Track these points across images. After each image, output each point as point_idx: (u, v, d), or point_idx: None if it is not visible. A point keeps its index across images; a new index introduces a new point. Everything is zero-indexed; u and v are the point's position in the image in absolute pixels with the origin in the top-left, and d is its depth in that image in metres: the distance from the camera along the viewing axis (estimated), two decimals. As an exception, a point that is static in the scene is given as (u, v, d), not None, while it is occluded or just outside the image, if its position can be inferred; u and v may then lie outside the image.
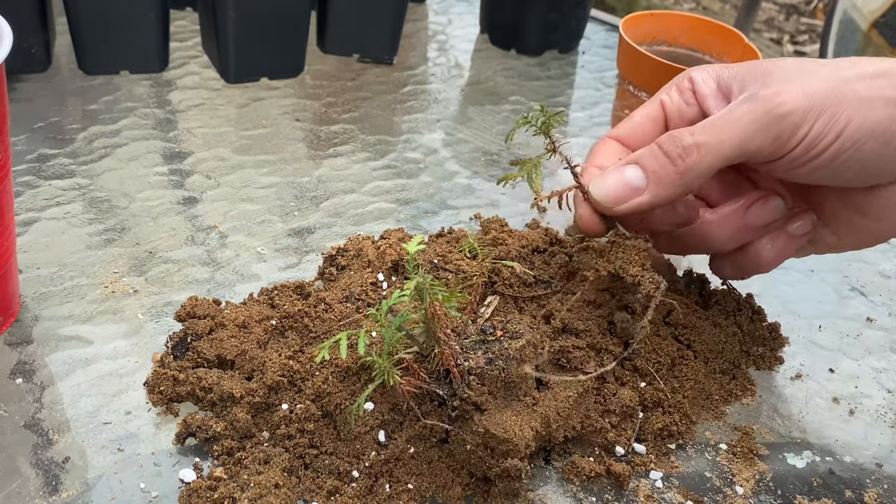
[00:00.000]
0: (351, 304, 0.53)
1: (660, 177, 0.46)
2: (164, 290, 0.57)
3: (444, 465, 0.45)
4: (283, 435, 0.46)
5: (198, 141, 0.74)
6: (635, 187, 0.47)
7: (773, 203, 0.50)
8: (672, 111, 0.51)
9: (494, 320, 0.47)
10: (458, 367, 0.43)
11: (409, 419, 0.45)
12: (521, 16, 0.92)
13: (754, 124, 0.44)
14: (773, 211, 0.50)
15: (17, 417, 0.47)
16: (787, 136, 0.44)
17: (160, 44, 0.80)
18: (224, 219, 0.65)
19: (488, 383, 0.43)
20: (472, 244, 0.56)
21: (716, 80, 0.49)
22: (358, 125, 0.79)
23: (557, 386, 0.46)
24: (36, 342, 0.52)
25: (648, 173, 0.46)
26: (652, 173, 0.46)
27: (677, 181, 0.46)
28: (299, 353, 0.50)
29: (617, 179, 0.47)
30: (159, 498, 0.44)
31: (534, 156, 0.51)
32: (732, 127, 0.45)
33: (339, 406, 0.46)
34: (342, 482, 0.44)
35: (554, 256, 0.55)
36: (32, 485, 0.44)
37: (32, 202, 0.64)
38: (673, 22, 0.76)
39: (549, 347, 0.47)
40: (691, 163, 0.45)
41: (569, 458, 0.48)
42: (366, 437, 0.45)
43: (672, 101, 0.51)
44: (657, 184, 0.46)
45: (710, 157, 0.45)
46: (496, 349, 0.44)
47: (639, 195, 0.47)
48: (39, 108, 0.75)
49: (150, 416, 0.48)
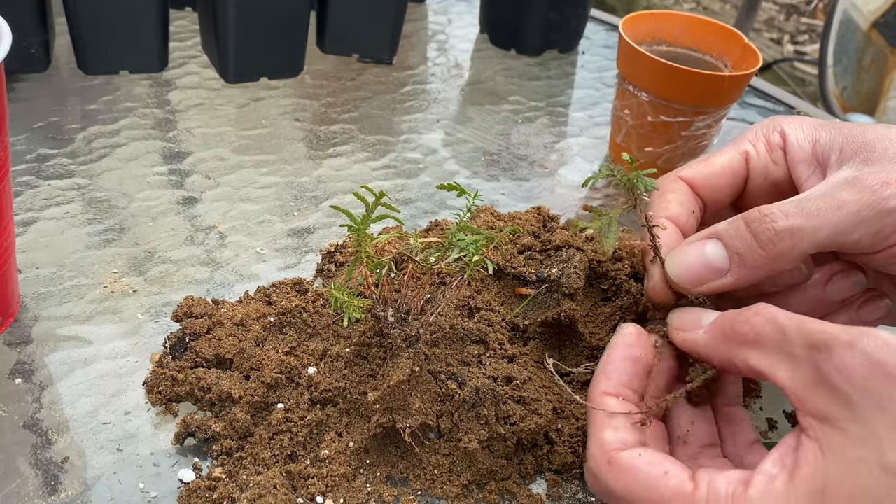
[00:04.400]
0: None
1: (745, 260, 0.41)
2: (163, 290, 0.57)
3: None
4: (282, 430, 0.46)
5: (197, 141, 0.74)
6: (717, 268, 0.42)
7: (855, 279, 0.46)
8: (757, 167, 0.46)
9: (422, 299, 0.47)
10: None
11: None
12: (521, 16, 0.92)
13: (857, 216, 0.40)
14: (853, 286, 0.46)
15: (17, 417, 0.47)
16: (889, 231, 0.40)
17: (160, 44, 0.79)
18: (223, 219, 0.65)
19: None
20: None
21: (812, 144, 0.44)
22: (358, 125, 0.79)
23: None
24: (35, 342, 0.52)
25: (732, 254, 0.41)
26: (737, 255, 0.41)
27: (765, 266, 0.41)
28: (297, 348, 0.50)
29: (696, 258, 0.42)
30: (158, 498, 0.44)
31: (609, 207, 0.47)
32: (832, 214, 0.40)
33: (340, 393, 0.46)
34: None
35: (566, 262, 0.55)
36: (31, 485, 0.44)
37: (32, 202, 0.64)
38: (673, 22, 0.76)
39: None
40: (783, 249, 0.40)
41: (569, 457, 0.48)
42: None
43: (759, 155, 0.46)
44: (742, 267, 0.41)
45: (804, 245, 0.40)
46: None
47: (720, 277, 0.42)
48: (39, 107, 0.75)
49: (150, 416, 0.48)
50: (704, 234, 0.43)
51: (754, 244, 0.41)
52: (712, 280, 0.42)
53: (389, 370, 0.45)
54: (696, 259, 0.42)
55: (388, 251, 0.57)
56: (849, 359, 0.33)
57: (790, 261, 0.41)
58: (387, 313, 0.46)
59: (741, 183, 0.47)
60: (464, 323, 0.52)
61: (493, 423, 0.45)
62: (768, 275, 0.42)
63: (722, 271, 0.42)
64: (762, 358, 0.37)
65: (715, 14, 2.73)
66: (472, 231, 0.46)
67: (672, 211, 0.46)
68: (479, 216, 0.62)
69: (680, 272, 0.43)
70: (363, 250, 0.44)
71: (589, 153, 0.79)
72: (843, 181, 0.41)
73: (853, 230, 0.40)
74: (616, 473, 0.38)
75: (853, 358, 0.33)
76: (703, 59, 0.76)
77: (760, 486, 0.34)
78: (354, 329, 0.50)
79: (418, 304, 0.47)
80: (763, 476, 0.34)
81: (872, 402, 0.32)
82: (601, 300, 0.55)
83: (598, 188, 0.74)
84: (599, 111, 0.86)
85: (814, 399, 0.34)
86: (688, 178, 0.47)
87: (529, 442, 0.47)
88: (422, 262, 0.46)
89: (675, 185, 0.47)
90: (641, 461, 0.37)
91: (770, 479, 0.34)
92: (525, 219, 0.61)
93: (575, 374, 0.50)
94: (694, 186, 0.47)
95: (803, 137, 0.45)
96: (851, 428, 0.32)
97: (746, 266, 0.41)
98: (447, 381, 0.47)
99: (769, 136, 0.46)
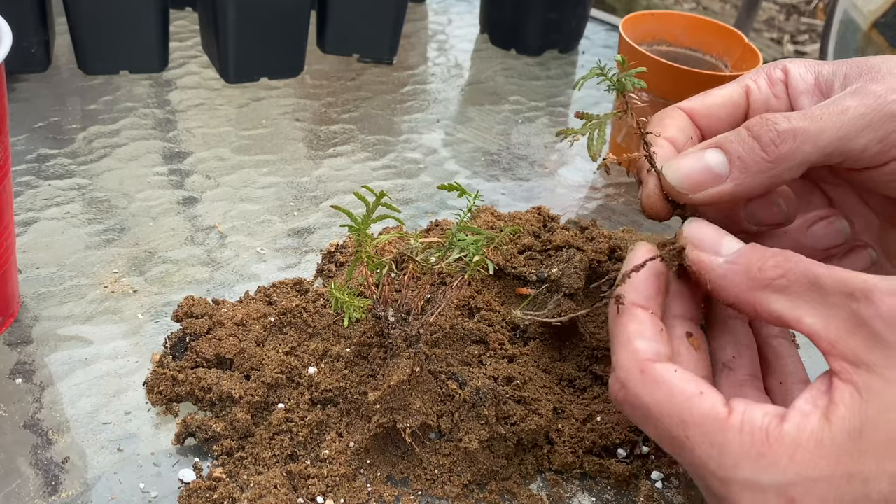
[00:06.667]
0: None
1: (746, 164, 0.39)
2: (163, 290, 0.57)
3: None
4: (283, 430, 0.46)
5: (197, 141, 0.74)
6: (717, 173, 0.40)
7: (838, 225, 0.45)
8: (757, 100, 0.45)
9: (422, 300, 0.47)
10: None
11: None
12: (521, 16, 0.92)
13: (862, 119, 0.39)
14: (836, 234, 0.45)
15: (17, 418, 0.47)
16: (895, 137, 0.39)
17: (160, 44, 0.80)
18: (224, 219, 0.65)
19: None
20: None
21: (814, 76, 0.43)
22: (358, 125, 0.79)
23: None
24: (35, 342, 0.52)
25: (733, 158, 0.40)
26: (738, 159, 0.40)
27: (766, 170, 0.39)
28: (297, 348, 0.50)
29: (695, 162, 0.41)
30: (159, 498, 0.44)
31: (601, 114, 0.45)
32: (837, 118, 0.39)
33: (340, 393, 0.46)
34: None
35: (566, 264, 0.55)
36: (32, 485, 0.44)
37: (32, 202, 0.64)
38: (673, 22, 0.76)
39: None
40: (786, 151, 0.39)
41: (569, 457, 0.48)
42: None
43: (759, 89, 0.45)
44: (743, 171, 0.40)
45: (807, 147, 0.39)
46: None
47: (720, 183, 0.40)
48: (39, 108, 0.75)
49: (150, 416, 0.48)
50: (704, 144, 0.42)
51: (756, 146, 0.39)
52: (711, 185, 0.40)
53: (390, 370, 0.45)
54: (695, 163, 0.41)
55: (388, 251, 0.57)
56: (892, 306, 0.32)
57: (792, 167, 0.39)
58: (387, 313, 0.46)
59: (741, 115, 0.46)
60: (464, 323, 0.52)
61: (494, 423, 0.45)
62: (769, 182, 0.40)
63: (721, 177, 0.40)
64: (788, 304, 0.35)
65: (715, 14, 2.73)
66: (473, 231, 0.46)
67: (670, 133, 0.45)
68: (479, 216, 0.62)
69: (678, 176, 0.41)
70: (364, 250, 0.44)
71: (589, 153, 0.79)
72: (847, 93, 0.40)
73: (858, 134, 0.39)
74: (649, 384, 0.36)
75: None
76: (703, 60, 0.76)
77: (796, 420, 0.33)
78: (355, 329, 0.50)
79: (419, 304, 0.47)
80: (797, 412, 0.33)
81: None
82: (601, 300, 0.55)
83: (598, 188, 0.74)
84: (599, 111, 0.86)
85: (850, 344, 0.33)
86: (687, 108, 0.46)
87: (530, 442, 0.47)
88: (422, 262, 0.46)
89: (674, 112, 0.46)
90: (676, 377, 0.36)
91: (804, 415, 0.33)
92: (525, 219, 0.61)
93: (548, 318, 0.50)
94: (693, 116, 0.46)
95: (806, 71, 0.44)
96: (891, 373, 0.32)
97: (748, 170, 0.40)
98: (447, 381, 0.47)
99: (771, 73, 0.45)
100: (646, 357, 0.37)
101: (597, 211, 0.71)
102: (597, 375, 0.51)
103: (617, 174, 0.76)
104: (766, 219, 0.44)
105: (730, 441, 0.33)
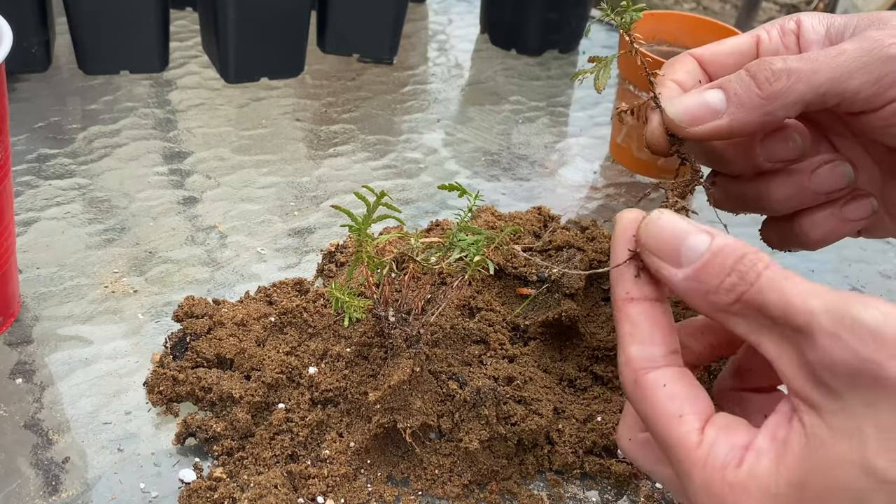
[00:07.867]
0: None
1: (742, 100, 0.41)
2: (164, 290, 0.57)
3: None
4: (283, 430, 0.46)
5: (198, 141, 0.74)
6: (714, 109, 0.42)
7: (842, 169, 0.46)
8: (767, 50, 0.46)
9: (422, 300, 0.47)
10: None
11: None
12: (521, 16, 0.92)
13: (857, 61, 0.40)
14: (840, 177, 0.46)
15: (17, 417, 0.47)
16: (891, 80, 0.40)
17: (160, 44, 0.79)
18: (224, 219, 0.65)
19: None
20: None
21: (826, 27, 0.44)
22: (358, 125, 0.79)
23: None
24: (36, 342, 0.52)
25: (730, 95, 0.42)
26: (734, 95, 0.42)
27: (760, 106, 0.41)
28: (297, 348, 0.50)
29: (695, 99, 0.43)
30: (159, 498, 0.44)
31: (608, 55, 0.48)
32: (832, 59, 0.40)
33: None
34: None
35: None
36: (32, 485, 0.44)
37: (32, 202, 0.64)
38: (673, 22, 0.76)
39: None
40: (780, 88, 0.40)
41: (569, 457, 0.48)
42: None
43: (770, 39, 0.46)
44: (738, 107, 0.42)
45: (801, 86, 0.40)
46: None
47: (716, 118, 0.42)
48: (39, 107, 0.75)
49: (150, 416, 0.48)
50: (706, 86, 0.44)
51: (751, 84, 0.41)
52: (709, 120, 0.42)
53: (390, 370, 0.45)
54: (695, 100, 0.43)
55: (388, 251, 0.57)
56: (834, 352, 0.30)
57: (787, 105, 0.41)
58: (387, 313, 0.46)
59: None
60: (464, 323, 0.52)
61: (494, 423, 0.45)
62: (763, 119, 0.42)
63: (719, 112, 0.42)
64: (748, 328, 0.34)
65: (715, 14, 2.73)
66: (473, 231, 0.46)
67: (678, 77, 0.47)
68: (479, 216, 0.62)
69: (678, 111, 0.43)
70: (364, 250, 0.44)
71: (589, 153, 0.79)
72: (848, 39, 0.41)
73: (853, 76, 0.40)
74: (640, 397, 0.36)
75: (839, 353, 0.30)
76: (703, 59, 0.76)
77: (750, 461, 0.33)
78: (355, 329, 0.50)
79: (419, 304, 0.47)
80: (754, 453, 0.33)
81: (861, 399, 0.30)
82: (601, 300, 0.55)
83: (599, 188, 0.74)
84: (600, 111, 0.86)
85: (800, 382, 0.32)
86: (697, 54, 0.48)
87: (530, 442, 0.47)
88: (423, 262, 0.46)
89: (685, 58, 0.48)
90: (663, 394, 0.35)
91: (759, 455, 0.33)
92: (526, 219, 0.61)
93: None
94: (702, 62, 0.47)
95: (818, 23, 0.45)
96: (836, 421, 0.31)
97: (743, 106, 0.41)
98: (448, 381, 0.47)
99: (784, 24, 0.47)
100: (638, 367, 0.36)
101: (597, 211, 0.71)
102: (597, 375, 0.51)
103: (617, 174, 0.76)
104: (782, 154, 0.45)
105: (693, 475, 0.33)
